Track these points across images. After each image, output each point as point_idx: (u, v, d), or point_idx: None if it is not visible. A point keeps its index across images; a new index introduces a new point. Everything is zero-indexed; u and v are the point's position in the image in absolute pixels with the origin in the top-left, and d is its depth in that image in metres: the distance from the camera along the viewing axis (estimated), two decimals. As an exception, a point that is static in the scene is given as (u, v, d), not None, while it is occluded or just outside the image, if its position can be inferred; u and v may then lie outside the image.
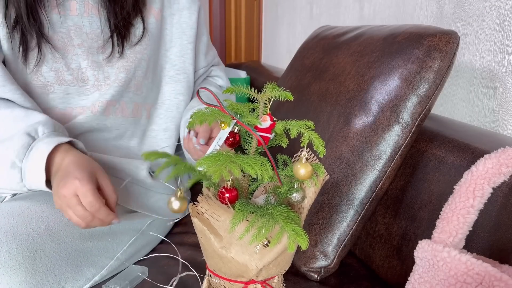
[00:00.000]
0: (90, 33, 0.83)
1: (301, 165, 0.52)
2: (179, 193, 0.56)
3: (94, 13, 0.83)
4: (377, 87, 0.73)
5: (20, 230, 0.65)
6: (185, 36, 0.96)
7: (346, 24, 1.30)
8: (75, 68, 0.82)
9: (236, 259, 0.53)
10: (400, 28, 0.78)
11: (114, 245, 0.78)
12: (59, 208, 0.66)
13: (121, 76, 0.86)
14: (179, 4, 0.96)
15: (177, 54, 0.97)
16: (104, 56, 0.84)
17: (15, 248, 0.63)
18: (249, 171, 0.47)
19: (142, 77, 0.90)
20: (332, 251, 0.72)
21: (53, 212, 0.71)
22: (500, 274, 0.45)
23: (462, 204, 0.52)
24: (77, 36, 0.81)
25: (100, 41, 0.83)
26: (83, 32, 0.82)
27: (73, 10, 0.81)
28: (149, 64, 0.91)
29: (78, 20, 0.82)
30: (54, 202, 0.66)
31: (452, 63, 0.69)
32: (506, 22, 0.76)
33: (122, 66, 0.85)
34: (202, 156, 0.57)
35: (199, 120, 0.53)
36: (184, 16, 0.96)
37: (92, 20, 0.83)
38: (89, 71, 0.83)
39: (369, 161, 0.71)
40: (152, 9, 0.91)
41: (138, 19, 0.87)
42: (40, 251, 0.65)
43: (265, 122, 0.54)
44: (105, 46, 0.84)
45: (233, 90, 0.57)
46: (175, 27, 0.95)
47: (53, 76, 0.80)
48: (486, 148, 0.63)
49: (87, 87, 0.84)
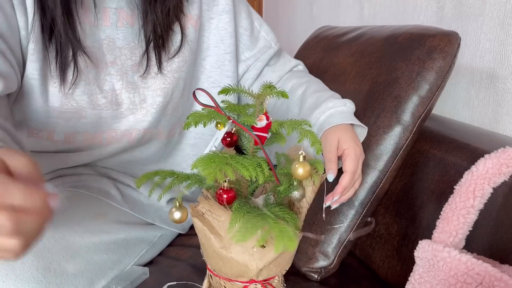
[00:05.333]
0: (124, 48, 0.72)
1: (299, 164, 0.52)
2: (178, 203, 0.56)
3: (129, 22, 0.72)
4: (378, 87, 0.73)
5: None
6: (223, 45, 0.84)
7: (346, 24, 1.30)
8: (109, 90, 0.73)
9: (236, 259, 0.53)
10: (401, 28, 0.78)
11: (127, 257, 0.76)
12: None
13: (159, 100, 0.77)
14: (219, 7, 0.83)
15: (213, 65, 0.84)
16: (139, 74, 0.74)
17: (30, 261, 0.62)
18: (243, 173, 0.46)
19: (179, 97, 0.81)
20: (332, 251, 0.72)
21: (68, 224, 0.69)
22: (500, 274, 0.45)
23: (462, 204, 0.52)
24: (109, 52, 0.71)
25: (135, 57, 0.73)
26: (116, 47, 0.72)
27: (106, 19, 0.70)
28: (186, 82, 0.81)
29: (111, 32, 0.71)
30: None
31: (453, 64, 0.69)
32: (506, 22, 0.76)
33: (159, 88, 0.76)
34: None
35: (195, 120, 0.53)
36: (223, 21, 0.83)
37: (126, 31, 0.72)
38: (124, 93, 0.74)
39: (369, 161, 0.71)
40: (189, 16, 0.79)
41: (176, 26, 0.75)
42: (55, 263, 0.64)
43: (261, 121, 0.54)
44: (140, 63, 0.74)
45: (231, 90, 0.57)
46: (213, 34, 0.83)
47: (86, 100, 0.71)
48: (486, 148, 0.63)
49: (121, 110, 0.75)
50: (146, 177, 0.57)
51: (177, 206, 0.56)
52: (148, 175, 0.57)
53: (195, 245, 0.85)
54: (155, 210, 0.85)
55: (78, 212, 0.74)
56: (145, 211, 0.84)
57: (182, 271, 0.75)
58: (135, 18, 0.72)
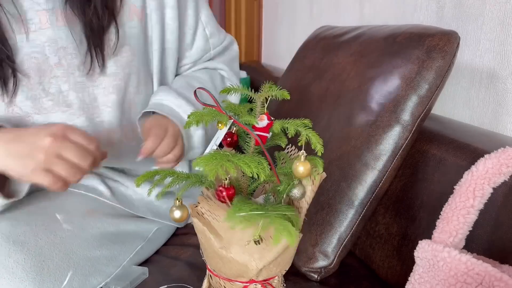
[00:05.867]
0: (68, 47, 0.70)
1: (300, 163, 0.52)
2: (178, 202, 0.56)
3: (68, 21, 0.70)
4: (378, 87, 0.73)
5: (28, 239, 0.65)
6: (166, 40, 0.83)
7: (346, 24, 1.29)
8: (55, 93, 0.71)
9: (236, 259, 0.53)
10: (400, 28, 0.78)
11: (122, 253, 0.76)
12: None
13: (112, 97, 0.75)
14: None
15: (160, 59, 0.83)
16: (85, 73, 0.72)
17: (23, 259, 0.62)
18: (245, 170, 0.47)
19: (134, 93, 0.79)
20: (332, 251, 0.72)
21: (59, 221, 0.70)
22: (500, 274, 0.45)
23: (462, 204, 0.52)
24: (52, 53, 0.69)
25: (82, 56, 0.71)
26: (60, 47, 0.70)
27: (43, 23, 0.68)
28: (140, 77, 0.79)
29: (52, 33, 0.69)
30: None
31: (453, 63, 0.69)
32: (506, 22, 0.76)
33: (111, 86, 0.75)
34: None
35: (196, 120, 0.53)
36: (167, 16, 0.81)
37: (67, 31, 0.70)
38: (72, 93, 0.72)
39: (369, 161, 0.71)
40: (133, 8, 0.76)
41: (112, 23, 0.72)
42: (48, 261, 0.64)
43: (263, 121, 0.54)
44: (86, 62, 0.71)
45: (230, 90, 0.57)
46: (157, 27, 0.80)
47: (30, 105, 0.70)
48: (486, 148, 0.63)
49: (71, 111, 0.73)
50: (146, 177, 0.57)
51: (177, 205, 0.56)
52: (147, 175, 0.57)
53: (194, 245, 0.85)
54: (145, 204, 0.86)
55: (68, 210, 0.74)
56: (135, 206, 0.85)
57: (181, 271, 0.75)
58: (74, 17, 0.70)
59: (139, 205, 0.85)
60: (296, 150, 0.63)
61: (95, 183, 0.82)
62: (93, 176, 0.82)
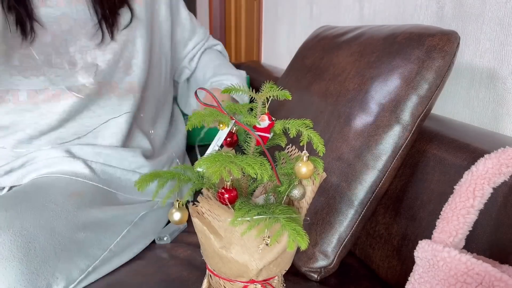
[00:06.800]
0: (78, 19, 0.89)
1: (302, 164, 0.52)
2: (178, 204, 0.56)
3: (82, 3, 0.90)
4: (377, 87, 0.73)
5: (13, 222, 0.66)
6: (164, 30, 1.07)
7: (346, 24, 1.30)
8: (63, 53, 0.87)
9: (236, 259, 0.53)
10: (400, 28, 0.78)
11: (107, 237, 0.78)
12: None
13: (108, 57, 0.92)
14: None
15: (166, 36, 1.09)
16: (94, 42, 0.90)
17: (8, 240, 0.64)
18: (248, 171, 0.47)
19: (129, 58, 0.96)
20: (332, 251, 0.72)
21: (44, 203, 0.72)
22: (500, 274, 0.45)
23: (462, 204, 0.52)
24: (65, 22, 0.88)
25: (88, 28, 0.90)
26: (71, 18, 0.88)
27: (60, 2, 0.88)
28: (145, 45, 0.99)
29: (66, 9, 0.88)
30: None
31: (453, 63, 0.69)
32: (506, 22, 0.76)
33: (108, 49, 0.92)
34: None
35: (198, 121, 0.53)
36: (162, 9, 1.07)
37: (79, 8, 0.89)
38: (77, 55, 0.89)
39: (369, 161, 0.71)
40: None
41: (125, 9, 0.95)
42: (34, 242, 0.66)
43: (264, 121, 0.54)
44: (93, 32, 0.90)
45: (232, 90, 0.57)
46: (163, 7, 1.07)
47: (43, 60, 0.85)
48: (486, 148, 0.63)
49: (75, 69, 0.88)
50: (146, 181, 0.56)
51: (177, 207, 0.56)
52: (148, 178, 0.56)
53: (194, 244, 0.85)
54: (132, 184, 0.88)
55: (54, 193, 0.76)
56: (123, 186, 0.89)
57: (181, 270, 0.75)
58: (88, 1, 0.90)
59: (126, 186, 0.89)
60: (296, 150, 0.63)
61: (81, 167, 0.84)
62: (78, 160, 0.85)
